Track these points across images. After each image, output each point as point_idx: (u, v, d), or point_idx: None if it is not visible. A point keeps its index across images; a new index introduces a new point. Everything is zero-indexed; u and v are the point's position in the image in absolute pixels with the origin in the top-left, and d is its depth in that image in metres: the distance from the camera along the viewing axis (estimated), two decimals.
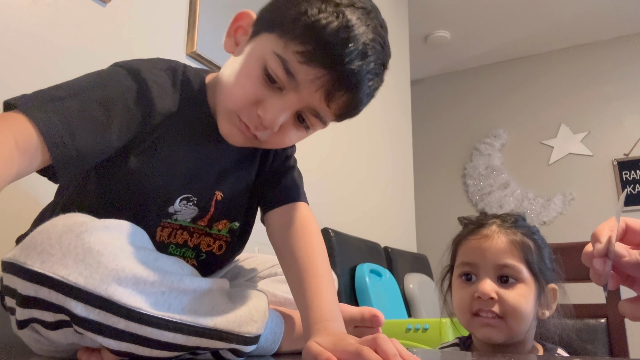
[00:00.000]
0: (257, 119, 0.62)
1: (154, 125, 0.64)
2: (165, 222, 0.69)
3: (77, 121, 0.55)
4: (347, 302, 1.83)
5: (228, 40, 0.69)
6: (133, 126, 0.62)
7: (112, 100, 0.59)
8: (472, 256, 0.85)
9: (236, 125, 0.64)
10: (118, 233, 0.51)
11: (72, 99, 0.56)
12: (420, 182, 3.46)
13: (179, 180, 0.68)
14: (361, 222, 2.30)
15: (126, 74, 0.63)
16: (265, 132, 0.64)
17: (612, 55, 3.56)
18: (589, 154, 3.48)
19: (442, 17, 3.45)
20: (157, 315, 0.49)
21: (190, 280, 0.53)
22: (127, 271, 0.48)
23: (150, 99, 0.63)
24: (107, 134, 0.58)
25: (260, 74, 0.61)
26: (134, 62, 0.65)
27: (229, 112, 0.64)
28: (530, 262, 0.83)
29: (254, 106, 0.62)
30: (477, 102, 4.00)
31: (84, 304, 0.46)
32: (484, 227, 0.86)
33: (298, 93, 0.60)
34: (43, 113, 0.52)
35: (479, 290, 0.81)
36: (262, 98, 0.61)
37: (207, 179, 0.71)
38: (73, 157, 0.54)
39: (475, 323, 0.83)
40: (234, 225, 0.77)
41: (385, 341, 0.50)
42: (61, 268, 0.47)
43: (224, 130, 0.66)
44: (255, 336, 0.58)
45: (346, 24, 0.58)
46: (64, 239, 0.48)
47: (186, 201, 0.69)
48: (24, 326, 0.53)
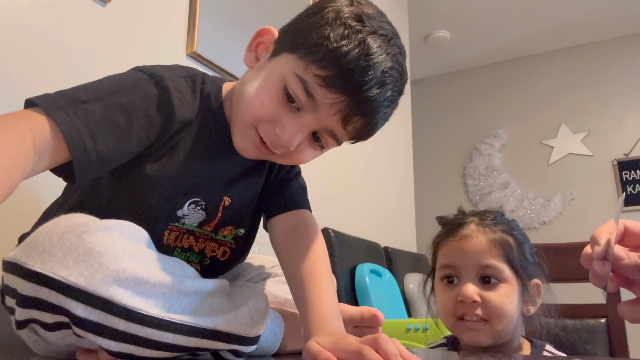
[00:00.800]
0: (274, 136, 0.63)
1: (173, 132, 0.64)
2: (173, 225, 0.69)
3: (99, 125, 0.55)
4: (347, 302, 1.83)
5: (248, 54, 0.70)
6: (153, 132, 0.62)
7: (134, 106, 0.60)
8: (452, 258, 0.84)
9: (251, 139, 0.65)
10: (119, 234, 0.51)
11: (95, 103, 0.56)
12: (420, 182, 3.46)
13: (190, 185, 0.68)
14: (361, 222, 2.30)
15: (148, 79, 0.63)
16: (281, 149, 0.64)
17: (612, 55, 3.56)
18: (589, 154, 3.48)
19: (442, 17, 3.45)
20: (157, 316, 0.49)
21: (192, 282, 0.53)
22: (128, 272, 0.48)
23: (171, 106, 0.63)
24: (128, 139, 0.59)
25: (280, 92, 0.62)
26: (156, 68, 0.65)
27: (246, 125, 0.65)
28: (511, 260, 0.82)
29: (271, 124, 0.63)
30: (477, 102, 4.00)
31: (84, 305, 0.46)
32: (462, 227, 0.85)
33: (316, 114, 0.61)
34: (66, 115, 0.53)
35: (461, 294, 0.80)
36: (280, 117, 0.62)
37: (216, 184, 0.71)
38: (93, 161, 0.55)
39: (460, 327, 0.82)
40: (239, 232, 0.77)
41: (386, 341, 0.50)
42: (62, 268, 0.47)
43: (238, 143, 0.67)
44: (255, 337, 0.58)
45: (367, 51, 0.59)
46: (65, 240, 0.48)
47: (195, 205, 0.69)
48: (23, 326, 0.53)
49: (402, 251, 2.53)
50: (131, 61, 1.26)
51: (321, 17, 0.61)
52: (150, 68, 0.65)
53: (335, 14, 0.61)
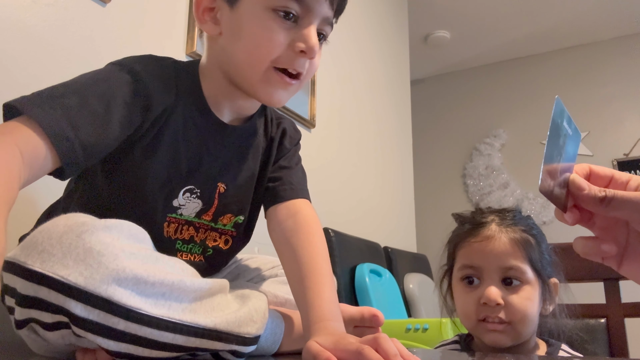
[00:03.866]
0: (298, 55, 0.64)
1: (155, 118, 0.65)
2: (171, 217, 0.70)
3: (78, 115, 0.56)
4: (347, 302, 1.83)
5: (204, 26, 0.69)
6: (135, 119, 0.63)
7: (110, 94, 0.60)
8: (474, 259, 0.83)
9: (277, 81, 0.66)
10: (119, 233, 0.51)
11: (72, 96, 0.57)
12: (420, 182, 3.46)
13: (182, 171, 0.69)
14: (361, 222, 2.30)
15: (120, 68, 0.64)
16: (306, 64, 0.67)
17: (612, 55, 3.56)
18: (589, 154, 3.48)
19: (442, 17, 3.45)
20: (157, 316, 0.49)
21: (191, 281, 0.53)
22: (127, 272, 0.48)
23: (147, 92, 0.64)
24: (109, 127, 0.59)
25: (276, 17, 0.63)
26: (127, 59, 0.67)
27: (265, 72, 0.65)
28: (533, 260, 0.81)
29: (288, 49, 0.64)
30: (477, 102, 4.00)
31: (83, 304, 0.46)
32: (483, 227, 0.84)
33: (312, 12, 0.64)
34: (44, 110, 0.54)
35: (484, 297, 0.79)
36: (289, 36, 0.64)
37: (209, 170, 0.72)
38: (78, 151, 0.55)
39: (481, 329, 0.81)
40: (239, 219, 0.78)
41: (386, 341, 0.50)
42: (61, 268, 0.47)
43: (268, 97, 0.68)
44: (255, 337, 0.58)
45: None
46: (65, 239, 0.48)
47: (189, 193, 0.70)
48: (22, 326, 0.53)
49: (402, 251, 2.53)
50: None
51: None
52: (122, 59, 0.66)
53: None
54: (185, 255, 0.74)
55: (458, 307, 0.86)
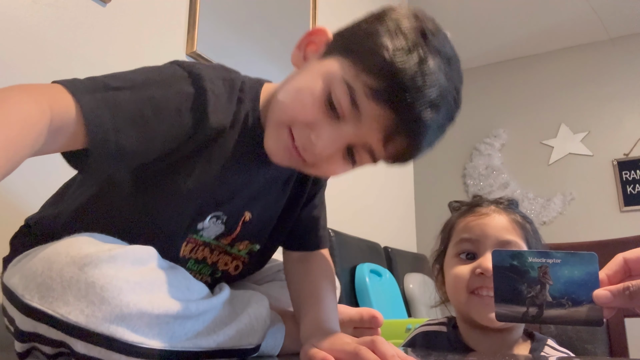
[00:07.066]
0: (308, 141, 0.57)
1: (205, 139, 0.59)
2: (191, 237, 0.66)
3: (125, 117, 0.51)
4: (347, 302, 1.83)
5: (297, 52, 0.65)
6: (181, 135, 0.57)
7: (166, 101, 0.55)
8: (472, 232, 0.81)
9: (283, 141, 0.59)
10: (123, 261, 0.48)
11: (126, 92, 0.52)
12: (420, 182, 3.46)
13: (217, 197, 0.64)
14: (361, 222, 2.30)
15: (186, 77, 0.57)
16: (313, 158, 0.59)
17: (612, 55, 3.56)
18: (589, 154, 3.48)
19: (442, 17, 3.44)
20: (159, 348, 0.47)
21: (196, 306, 0.52)
22: (131, 307, 0.46)
23: (205, 110, 0.57)
24: (152, 138, 0.54)
25: (323, 96, 0.56)
26: (197, 66, 0.59)
27: (280, 124, 0.59)
28: (529, 242, 0.81)
29: (307, 128, 0.57)
30: (477, 102, 3.99)
31: (84, 342, 0.45)
32: (481, 207, 0.84)
33: (357, 127, 0.56)
34: (93, 100, 0.49)
35: (481, 266, 0.76)
36: (318, 122, 0.57)
37: (239, 199, 0.67)
38: (112, 154, 0.50)
39: (473, 302, 0.78)
40: (254, 247, 0.74)
41: (383, 343, 0.50)
42: (61, 305, 0.45)
43: (269, 145, 0.61)
44: (257, 346, 0.58)
45: (425, 69, 0.54)
46: (66, 272, 0.46)
47: (216, 219, 0.66)
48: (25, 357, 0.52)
49: (402, 251, 2.53)
50: (131, 61, 1.26)
51: (381, 24, 0.56)
52: (190, 65, 0.59)
53: (397, 23, 0.56)
54: (193, 275, 0.70)
55: (449, 281, 0.83)
